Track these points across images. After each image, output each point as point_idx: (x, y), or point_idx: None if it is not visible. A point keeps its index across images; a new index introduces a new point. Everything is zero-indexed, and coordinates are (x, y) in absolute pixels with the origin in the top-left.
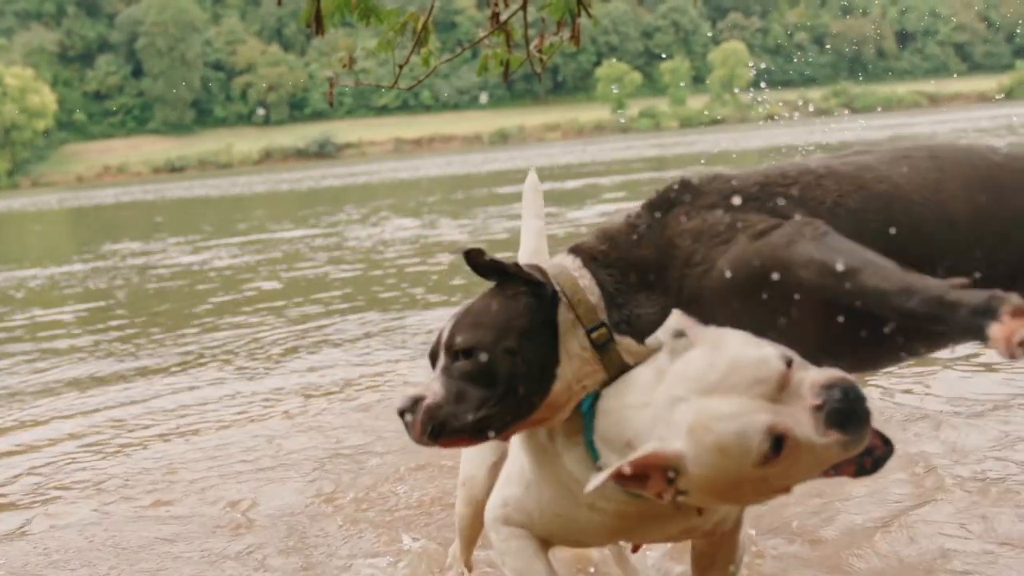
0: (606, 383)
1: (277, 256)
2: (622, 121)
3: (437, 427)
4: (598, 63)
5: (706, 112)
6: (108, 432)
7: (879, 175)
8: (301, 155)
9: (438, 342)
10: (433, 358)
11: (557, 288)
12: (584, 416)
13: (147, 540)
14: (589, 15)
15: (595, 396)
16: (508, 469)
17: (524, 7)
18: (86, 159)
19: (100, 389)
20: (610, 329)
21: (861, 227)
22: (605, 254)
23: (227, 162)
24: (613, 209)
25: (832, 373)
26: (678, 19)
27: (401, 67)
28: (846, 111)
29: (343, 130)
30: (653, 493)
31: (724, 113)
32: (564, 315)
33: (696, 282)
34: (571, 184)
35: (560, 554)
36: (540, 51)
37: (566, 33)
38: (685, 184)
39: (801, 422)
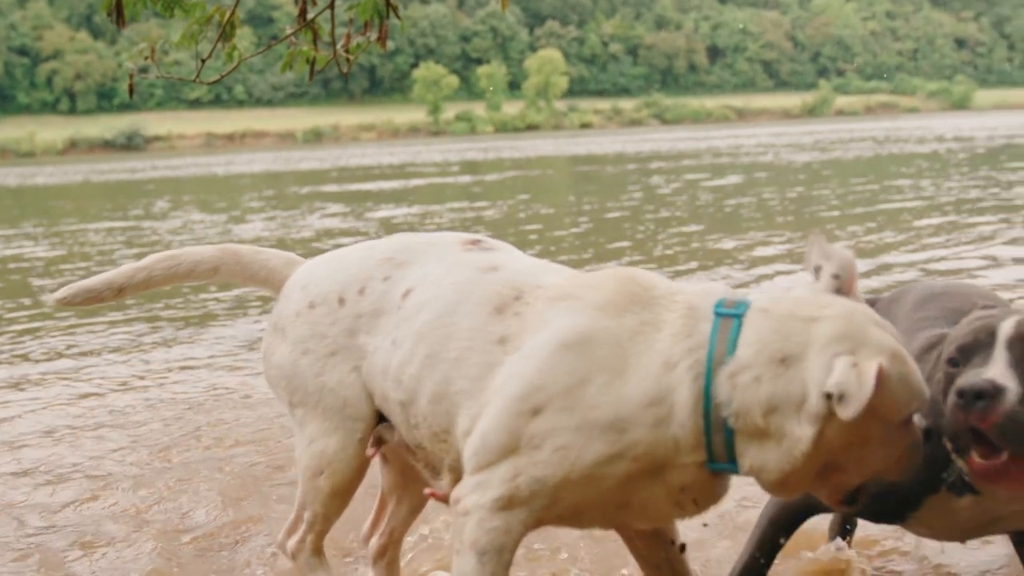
0: None
1: (77, 251)
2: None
3: (1020, 429)
4: (415, 65)
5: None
6: None
7: None
8: (108, 146)
9: (988, 334)
10: (970, 352)
11: None
12: (714, 319)
13: None
14: (398, 17)
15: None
16: (522, 430)
17: (332, 6)
18: None
19: None
20: None
21: None
22: None
23: (29, 151)
24: (418, 211)
25: None
26: (496, 25)
27: (204, 61)
28: (657, 122)
29: (152, 122)
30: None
31: (539, 120)
32: None
33: None
34: (385, 185)
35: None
36: (347, 51)
37: (373, 34)
38: None
39: None
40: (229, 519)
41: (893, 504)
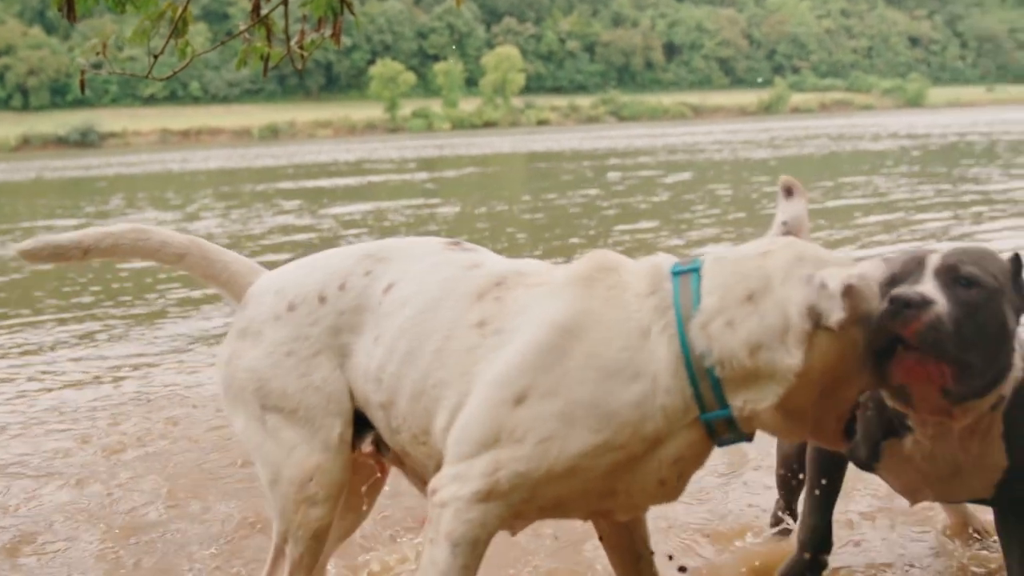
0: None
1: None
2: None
3: (940, 338)
4: (372, 62)
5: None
6: None
7: None
8: (62, 143)
9: (918, 264)
10: (900, 280)
11: None
12: (673, 279)
13: None
14: (352, 13)
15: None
16: (504, 421)
17: (285, 2)
18: None
19: None
20: None
21: None
22: None
23: None
24: (372, 207)
25: None
26: (453, 21)
27: (156, 57)
28: (613, 119)
29: (107, 119)
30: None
31: (496, 117)
32: None
33: None
34: (340, 181)
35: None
36: (301, 47)
37: (328, 30)
38: None
39: None
40: (179, 517)
41: (863, 451)
